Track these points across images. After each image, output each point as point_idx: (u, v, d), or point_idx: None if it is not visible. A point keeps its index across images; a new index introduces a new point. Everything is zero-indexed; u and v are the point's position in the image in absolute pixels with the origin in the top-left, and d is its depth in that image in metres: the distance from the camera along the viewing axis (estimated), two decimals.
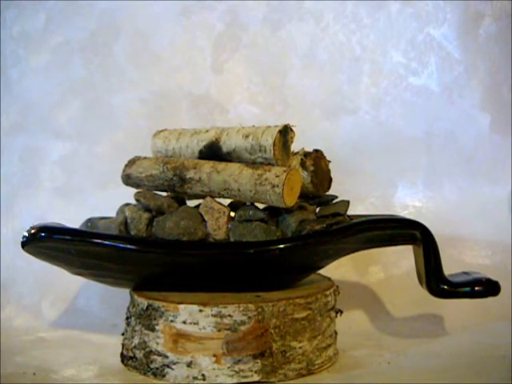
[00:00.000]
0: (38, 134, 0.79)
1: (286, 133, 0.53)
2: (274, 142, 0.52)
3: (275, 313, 0.50)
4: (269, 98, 0.78)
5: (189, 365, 0.50)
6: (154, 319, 0.51)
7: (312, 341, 0.52)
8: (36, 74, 0.79)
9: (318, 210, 0.58)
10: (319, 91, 0.78)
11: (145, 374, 0.52)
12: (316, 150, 0.58)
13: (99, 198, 0.75)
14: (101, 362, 0.56)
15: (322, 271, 0.58)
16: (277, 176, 0.51)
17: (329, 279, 0.59)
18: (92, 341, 0.63)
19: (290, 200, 0.52)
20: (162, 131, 0.63)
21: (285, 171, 0.52)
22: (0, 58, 0.79)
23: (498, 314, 0.65)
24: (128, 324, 0.54)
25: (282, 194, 0.51)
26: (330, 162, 0.59)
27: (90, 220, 0.59)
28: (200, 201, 0.57)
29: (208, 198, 0.56)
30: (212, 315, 0.49)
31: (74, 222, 0.59)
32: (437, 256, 0.55)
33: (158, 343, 0.51)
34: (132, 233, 0.55)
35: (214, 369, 0.49)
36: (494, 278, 0.56)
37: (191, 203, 0.59)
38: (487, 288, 0.56)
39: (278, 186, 0.51)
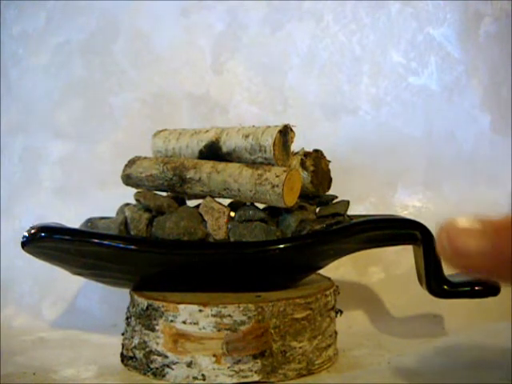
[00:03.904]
0: (37, 134, 0.78)
1: (285, 133, 0.53)
2: (274, 141, 0.52)
3: (275, 313, 0.50)
4: (269, 97, 0.78)
5: (189, 365, 0.50)
6: (154, 319, 0.51)
7: (312, 341, 0.52)
8: (36, 74, 0.79)
9: (317, 210, 0.58)
10: (319, 91, 0.78)
11: (145, 374, 0.52)
12: (316, 150, 0.58)
13: (99, 198, 0.75)
14: (101, 362, 0.56)
15: (322, 271, 0.58)
16: (277, 176, 0.51)
17: (329, 279, 0.59)
18: (92, 341, 0.63)
19: (290, 200, 0.52)
20: (162, 131, 0.63)
21: (285, 171, 0.52)
22: (0, 58, 0.79)
23: (498, 314, 0.65)
24: (128, 324, 0.54)
25: (282, 194, 0.51)
26: (330, 162, 0.59)
27: (90, 220, 0.59)
28: (200, 201, 0.57)
29: (208, 198, 0.56)
30: (212, 315, 0.49)
31: (74, 222, 0.59)
32: (437, 256, 0.55)
33: (157, 343, 0.51)
34: (132, 233, 0.55)
35: (213, 369, 0.49)
36: None
37: (191, 203, 0.59)
38: (487, 288, 0.55)
39: (277, 186, 0.51)
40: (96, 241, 0.53)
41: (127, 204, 0.58)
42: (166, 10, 0.79)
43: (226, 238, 0.54)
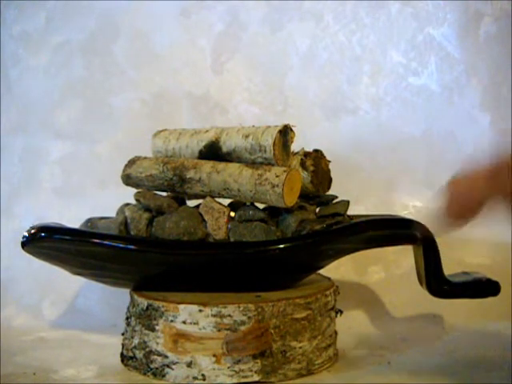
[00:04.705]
0: (38, 134, 0.79)
1: (286, 133, 0.53)
2: (274, 141, 0.52)
3: (275, 313, 0.50)
4: (269, 97, 0.78)
5: (189, 365, 0.50)
6: (154, 319, 0.51)
7: (312, 341, 0.52)
8: (36, 74, 0.79)
9: (317, 210, 0.58)
10: (319, 91, 0.78)
11: (145, 374, 0.52)
12: (316, 150, 0.58)
13: (99, 198, 0.75)
14: (101, 362, 0.56)
15: (322, 271, 0.58)
16: (277, 176, 0.51)
17: (329, 279, 0.59)
18: (92, 341, 0.63)
19: (290, 200, 0.52)
20: (162, 131, 0.63)
21: (285, 171, 0.52)
22: (0, 58, 0.80)
23: (498, 314, 0.65)
24: (128, 324, 0.54)
25: (282, 194, 0.51)
26: (330, 162, 0.59)
27: (90, 220, 0.59)
28: (200, 201, 0.57)
29: (208, 198, 0.56)
30: (212, 315, 0.49)
31: (74, 222, 0.59)
32: (437, 256, 0.55)
33: (157, 343, 0.51)
34: (132, 233, 0.55)
35: (214, 369, 0.49)
36: (494, 278, 0.56)
37: (191, 203, 0.59)
38: (487, 288, 0.56)
39: (278, 185, 0.51)
40: (96, 241, 0.53)
41: (127, 204, 0.58)
42: (166, 10, 0.79)
43: (226, 238, 0.54)
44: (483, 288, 0.55)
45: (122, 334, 0.56)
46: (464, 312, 0.65)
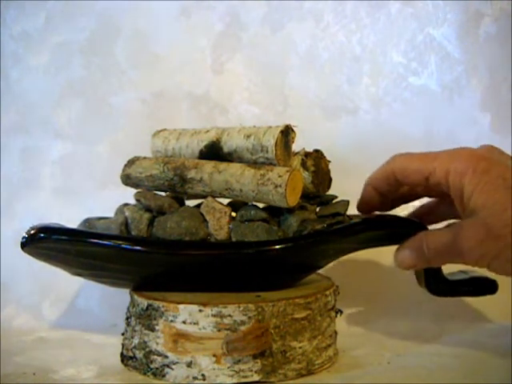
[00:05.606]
0: (37, 134, 0.78)
1: (287, 133, 0.53)
2: (276, 142, 0.52)
3: (275, 313, 0.50)
4: (269, 98, 0.78)
5: (189, 365, 0.50)
6: (154, 319, 0.51)
7: (312, 341, 0.52)
8: (36, 74, 0.79)
9: (317, 209, 0.58)
10: (319, 91, 0.78)
11: (145, 374, 0.52)
12: (316, 150, 0.58)
13: (99, 198, 0.75)
14: (101, 362, 0.56)
15: (321, 271, 0.58)
16: (279, 176, 0.51)
17: (329, 279, 0.59)
18: (92, 341, 0.63)
19: (293, 200, 0.52)
20: (161, 131, 0.63)
21: (287, 171, 0.52)
22: (0, 58, 0.79)
23: (498, 314, 0.65)
24: (128, 324, 0.54)
25: (285, 194, 0.51)
26: (330, 162, 0.59)
27: (87, 220, 0.58)
28: (199, 200, 0.57)
29: (209, 198, 0.55)
30: (212, 315, 0.49)
31: (74, 222, 0.58)
32: None
33: (157, 343, 0.51)
34: (133, 233, 0.55)
35: (214, 369, 0.49)
36: (492, 277, 0.56)
37: (190, 203, 0.59)
38: (485, 286, 0.56)
39: (280, 186, 0.51)
40: (96, 241, 0.53)
41: (126, 204, 0.58)
42: (166, 10, 0.79)
43: (228, 238, 0.54)
44: (481, 286, 0.56)
45: (122, 334, 0.56)
46: (464, 312, 0.65)
